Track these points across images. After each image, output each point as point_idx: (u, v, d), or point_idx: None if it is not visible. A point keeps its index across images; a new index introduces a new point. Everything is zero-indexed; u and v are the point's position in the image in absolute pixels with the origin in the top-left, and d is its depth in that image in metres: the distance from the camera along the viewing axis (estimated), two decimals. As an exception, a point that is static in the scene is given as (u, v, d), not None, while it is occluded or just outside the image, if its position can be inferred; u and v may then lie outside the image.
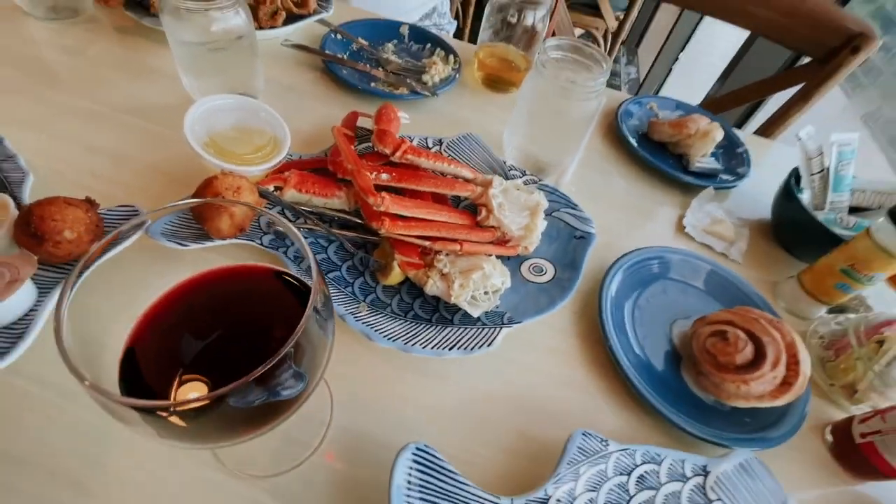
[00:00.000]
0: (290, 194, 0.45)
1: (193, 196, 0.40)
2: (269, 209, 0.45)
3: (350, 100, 0.64)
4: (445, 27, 1.13)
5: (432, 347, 0.39)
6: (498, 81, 0.71)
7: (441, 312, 0.43)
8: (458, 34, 1.51)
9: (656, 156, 0.65)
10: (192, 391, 0.23)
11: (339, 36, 0.71)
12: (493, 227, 0.46)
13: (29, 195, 0.42)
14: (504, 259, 0.47)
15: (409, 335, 0.40)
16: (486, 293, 0.41)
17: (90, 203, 0.39)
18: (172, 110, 0.57)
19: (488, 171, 0.54)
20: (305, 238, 0.46)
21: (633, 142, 0.66)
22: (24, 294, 0.35)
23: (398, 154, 0.47)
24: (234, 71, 0.56)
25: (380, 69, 0.68)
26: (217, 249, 0.41)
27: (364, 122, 0.56)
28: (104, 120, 0.54)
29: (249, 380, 0.19)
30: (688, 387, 0.43)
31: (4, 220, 0.37)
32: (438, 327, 0.41)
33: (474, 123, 0.65)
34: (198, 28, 0.50)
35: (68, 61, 0.61)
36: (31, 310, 0.35)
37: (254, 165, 0.42)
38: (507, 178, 0.53)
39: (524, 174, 0.54)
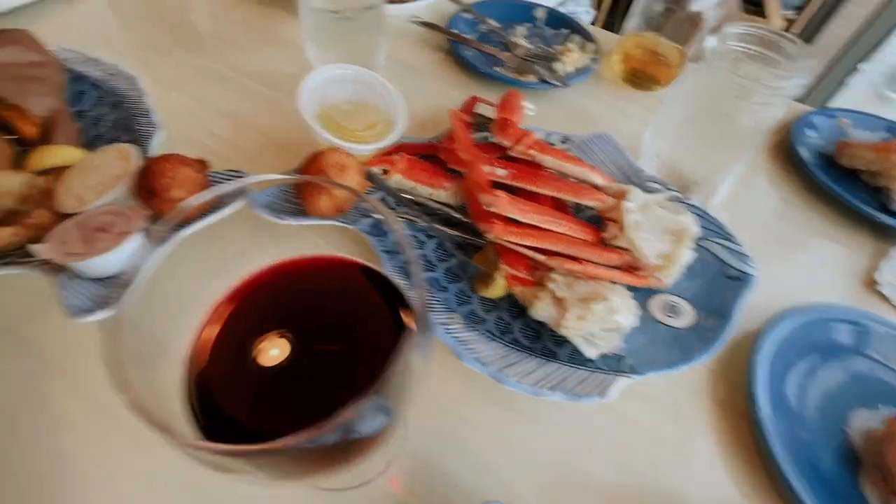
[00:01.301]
0: (396, 179, 0.41)
1: (301, 169, 0.38)
2: (372, 193, 0.42)
3: (473, 84, 0.59)
4: (581, 16, 1.03)
5: (530, 383, 0.32)
6: (641, 77, 0.61)
7: (545, 342, 0.36)
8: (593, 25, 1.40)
9: (843, 185, 0.50)
10: (261, 423, 0.19)
11: (468, 15, 0.66)
12: (622, 248, 0.38)
13: (156, 150, 0.43)
14: (629, 290, 0.39)
15: (504, 362, 0.34)
16: (606, 330, 0.34)
17: (202, 164, 0.39)
18: (293, 79, 0.56)
19: (622, 180, 0.45)
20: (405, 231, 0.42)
21: (812, 164, 0.52)
22: (133, 246, 0.35)
23: (520, 148, 0.41)
24: (356, 43, 0.54)
25: (508, 53, 0.62)
26: (315, 229, 0.38)
27: (484, 110, 0.50)
28: (232, 84, 0.55)
29: (322, 432, 0.15)
30: (868, 505, 0.32)
31: (128, 171, 0.38)
32: (540, 359, 0.34)
33: (608, 122, 0.57)
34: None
35: (212, 26, 0.63)
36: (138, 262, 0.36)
37: (364, 143, 0.39)
38: (645, 190, 0.44)
39: (666, 188, 0.44)
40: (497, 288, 0.37)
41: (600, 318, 0.33)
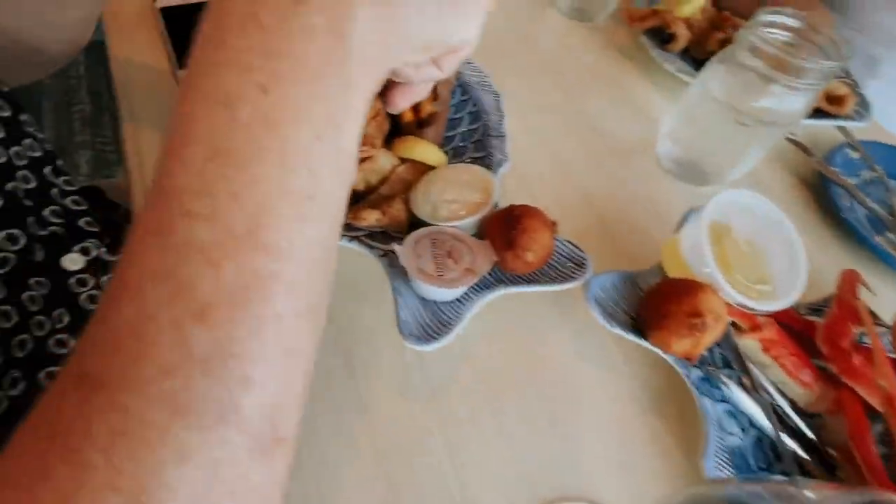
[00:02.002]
0: (749, 344, 0.33)
1: (663, 289, 0.33)
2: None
3: (836, 240, 0.48)
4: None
5: None
6: None
7: None
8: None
9: None
10: None
11: (854, 154, 0.54)
12: None
13: (498, 178, 0.42)
14: None
15: None
16: None
17: (555, 228, 0.36)
18: (637, 156, 0.52)
19: None
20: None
21: None
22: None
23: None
24: (729, 147, 0.47)
25: (893, 220, 0.49)
26: (633, 350, 0.33)
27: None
28: (569, 129, 0.53)
29: None
30: None
31: (486, 203, 0.37)
32: None
33: None
34: (746, 92, 0.42)
35: (565, 58, 0.62)
36: (458, 300, 0.34)
37: (751, 298, 0.32)
38: None
39: None
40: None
41: None
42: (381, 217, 0.36)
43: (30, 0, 0.35)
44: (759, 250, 0.35)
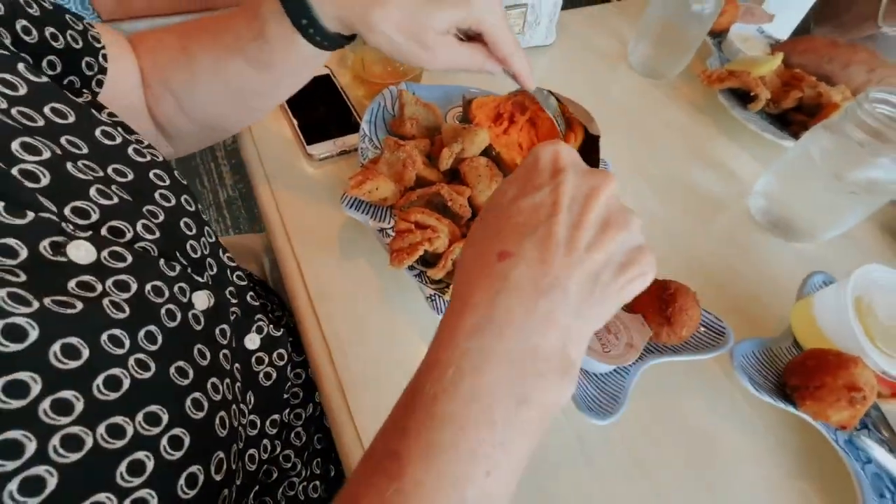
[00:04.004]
0: (893, 409, 0.36)
1: (811, 361, 0.35)
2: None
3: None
4: None
5: None
6: None
7: None
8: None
9: None
10: None
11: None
12: None
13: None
14: None
15: None
16: None
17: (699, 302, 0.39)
18: (727, 210, 0.55)
19: None
20: None
21: None
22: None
23: None
24: (824, 211, 0.49)
25: None
26: (770, 413, 0.35)
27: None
28: (657, 185, 0.56)
29: None
30: None
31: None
32: None
33: None
34: (850, 162, 0.45)
35: (642, 114, 0.66)
36: (616, 372, 0.37)
37: (897, 370, 0.35)
38: None
39: None
40: None
41: None
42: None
43: (248, 99, 0.40)
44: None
